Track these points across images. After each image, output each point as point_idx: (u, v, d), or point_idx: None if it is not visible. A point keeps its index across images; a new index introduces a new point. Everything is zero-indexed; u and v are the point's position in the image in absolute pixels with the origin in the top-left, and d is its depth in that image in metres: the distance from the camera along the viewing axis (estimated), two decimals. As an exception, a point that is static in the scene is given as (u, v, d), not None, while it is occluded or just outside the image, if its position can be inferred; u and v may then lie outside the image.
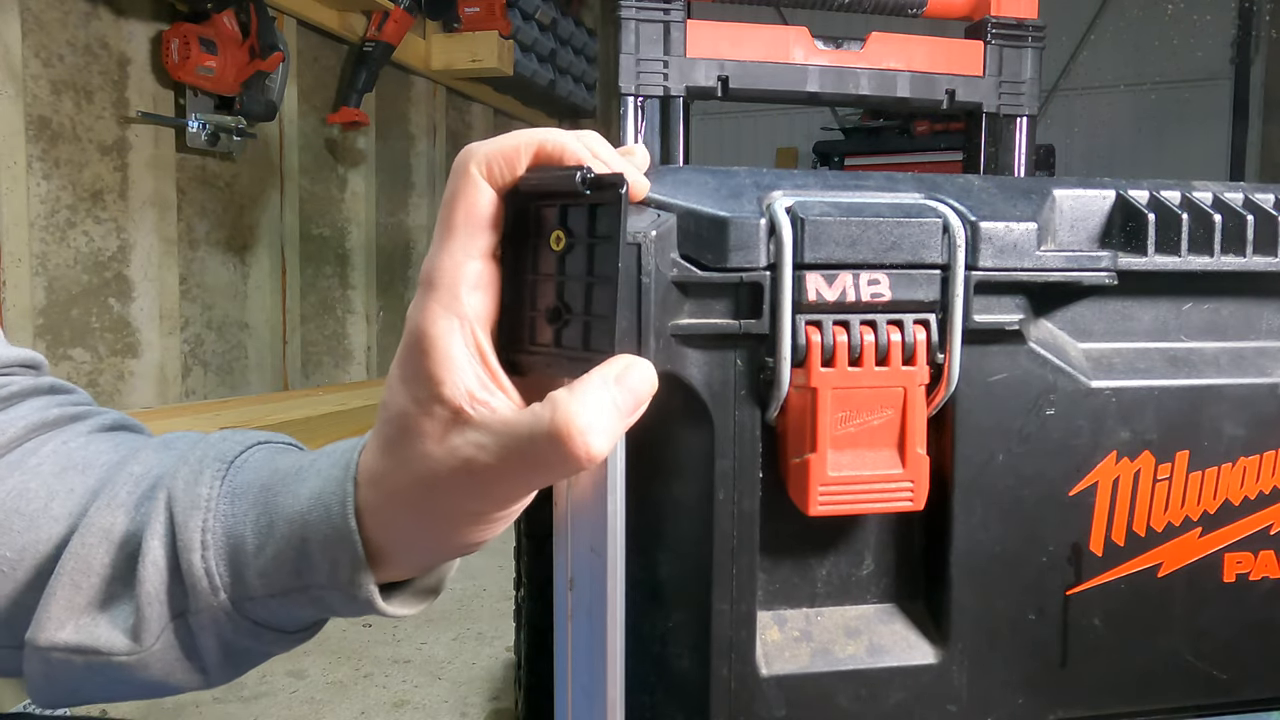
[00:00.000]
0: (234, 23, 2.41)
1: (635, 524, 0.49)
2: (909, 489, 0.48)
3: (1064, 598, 0.52)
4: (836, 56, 0.82)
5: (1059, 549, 0.52)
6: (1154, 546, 0.53)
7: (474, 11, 3.27)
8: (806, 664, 0.51)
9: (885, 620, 0.53)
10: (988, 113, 0.81)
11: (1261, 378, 0.53)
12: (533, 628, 0.56)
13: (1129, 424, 0.52)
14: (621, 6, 0.81)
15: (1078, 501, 0.52)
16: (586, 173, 0.37)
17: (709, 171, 0.51)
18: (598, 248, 0.37)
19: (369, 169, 3.31)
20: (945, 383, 0.49)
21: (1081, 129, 5.44)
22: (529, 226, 0.40)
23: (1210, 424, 0.52)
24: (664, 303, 0.46)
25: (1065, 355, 0.52)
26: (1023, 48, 0.82)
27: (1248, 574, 0.54)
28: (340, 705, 1.39)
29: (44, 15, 2.24)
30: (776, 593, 0.53)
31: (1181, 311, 0.54)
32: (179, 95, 2.51)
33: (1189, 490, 0.52)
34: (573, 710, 0.50)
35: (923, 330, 0.48)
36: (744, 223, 0.47)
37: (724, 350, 0.48)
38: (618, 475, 0.47)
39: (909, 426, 0.48)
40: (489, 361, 0.38)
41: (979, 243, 0.49)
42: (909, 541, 0.54)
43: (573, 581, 0.50)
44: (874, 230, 0.47)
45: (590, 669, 0.49)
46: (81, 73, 2.34)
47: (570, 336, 0.38)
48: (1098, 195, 0.53)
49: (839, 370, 0.47)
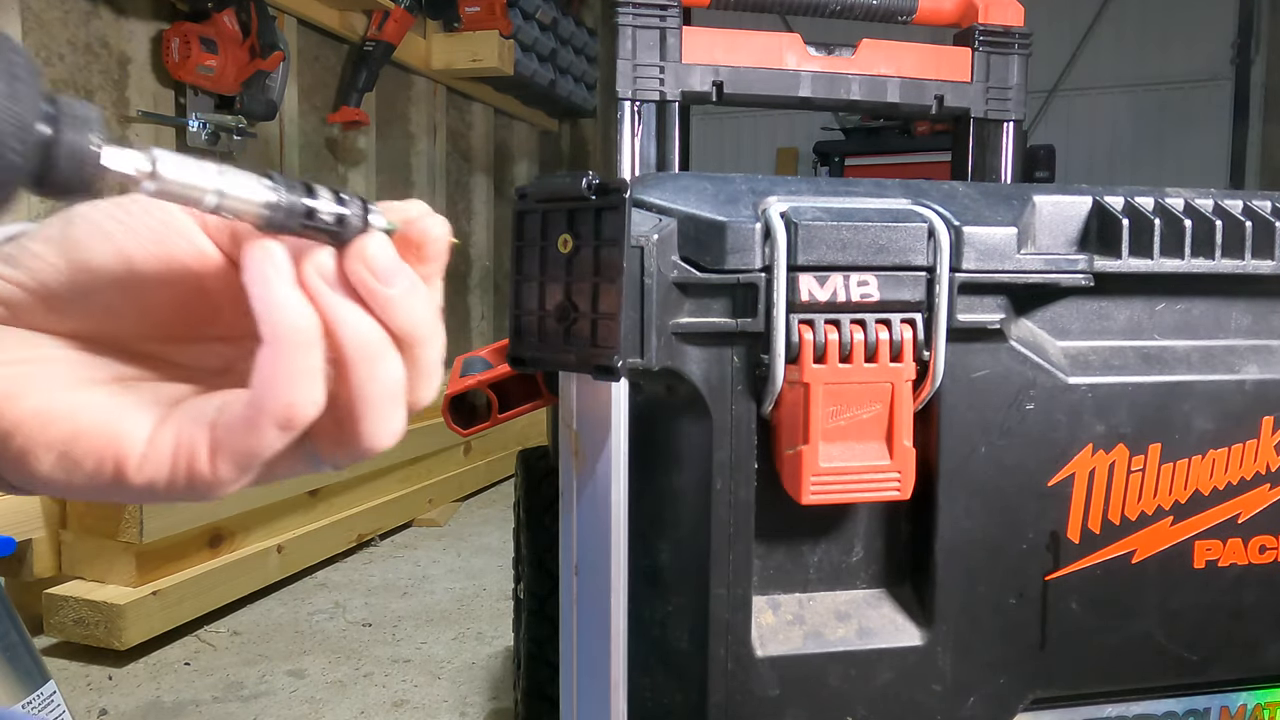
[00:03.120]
0: (234, 22, 2.42)
1: (636, 513, 0.52)
2: (896, 479, 0.51)
3: (1043, 583, 0.55)
4: (828, 62, 0.84)
5: (1038, 537, 0.55)
6: (1128, 534, 0.55)
7: (474, 11, 3.29)
8: (799, 646, 0.54)
9: (874, 604, 0.56)
10: (975, 118, 0.84)
11: (1230, 374, 0.56)
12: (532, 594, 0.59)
13: (1104, 418, 0.54)
14: (618, 13, 0.83)
15: (1056, 492, 0.54)
16: (592, 179, 0.39)
17: (707, 177, 0.53)
18: (603, 250, 0.40)
19: (369, 168, 3.33)
20: (930, 378, 0.52)
21: (1081, 129, 5.46)
22: (537, 231, 0.42)
23: (1181, 418, 0.55)
24: (665, 302, 0.49)
25: (1044, 353, 0.54)
26: (1010, 54, 0.85)
27: (1217, 560, 0.56)
28: (340, 705, 1.41)
29: (44, 14, 2.25)
30: (771, 578, 0.55)
31: (1154, 311, 0.57)
32: (179, 94, 2.52)
33: (1161, 481, 0.55)
34: (578, 689, 0.53)
35: (909, 329, 0.51)
36: (740, 227, 0.49)
37: (722, 348, 0.51)
38: (620, 466, 0.49)
39: (896, 420, 0.51)
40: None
41: (962, 246, 0.51)
42: (896, 529, 0.56)
43: (578, 568, 0.52)
44: (863, 234, 0.50)
45: (594, 650, 0.52)
46: (82, 72, 2.35)
47: (578, 334, 0.41)
48: (1075, 201, 0.55)
49: (830, 367, 0.50)
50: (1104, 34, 5.46)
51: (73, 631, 1.51)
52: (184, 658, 1.59)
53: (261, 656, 1.60)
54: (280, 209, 0.27)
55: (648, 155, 0.84)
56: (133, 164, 0.25)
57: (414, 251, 0.30)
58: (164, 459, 0.29)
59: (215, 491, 0.30)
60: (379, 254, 0.28)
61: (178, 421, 0.29)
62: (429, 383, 0.31)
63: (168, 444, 0.29)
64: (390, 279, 0.29)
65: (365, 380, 0.29)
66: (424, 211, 0.31)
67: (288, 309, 0.27)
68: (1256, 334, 0.58)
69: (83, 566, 1.58)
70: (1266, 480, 0.56)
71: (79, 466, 0.29)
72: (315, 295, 0.28)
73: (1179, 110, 5.37)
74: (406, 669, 1.57)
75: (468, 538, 2.32)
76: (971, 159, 0.84)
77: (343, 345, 0.28)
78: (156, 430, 0.29)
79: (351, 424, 0.29)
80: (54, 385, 0.30)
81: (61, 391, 0.30)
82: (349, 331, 0.28)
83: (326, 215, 0.27)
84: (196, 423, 0.29)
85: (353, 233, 0.28)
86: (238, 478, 0.29)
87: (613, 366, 0.40)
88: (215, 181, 0.26)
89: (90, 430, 0.29)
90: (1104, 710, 0.58)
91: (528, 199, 0.43)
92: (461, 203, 3.89)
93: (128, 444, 0.29)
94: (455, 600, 1.89)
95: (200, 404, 0.30)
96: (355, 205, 0.28)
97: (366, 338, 0.28)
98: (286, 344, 0.27)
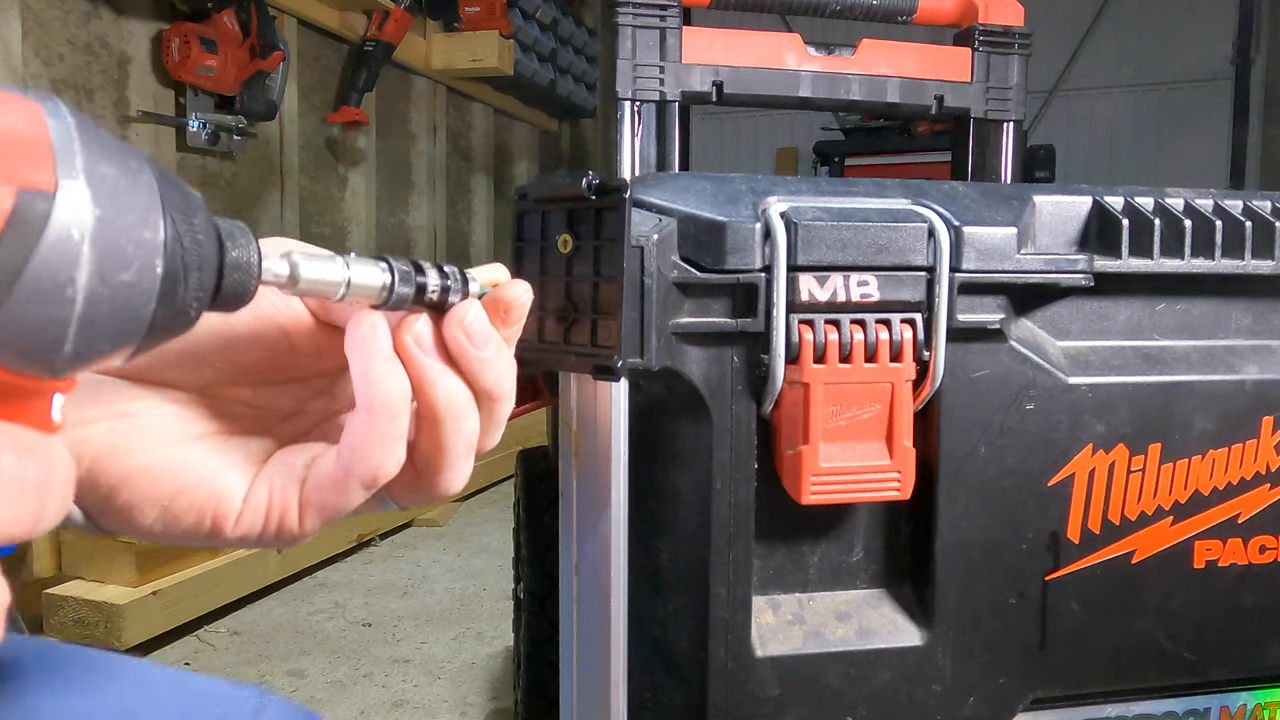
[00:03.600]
0: (234, 22, 2.42)
1: (636, 513, 0.52)
2: (896, 479, 0.51)
3: (1043, 583, 0.55)
4: (828, 62, 0.84)
5: (1038, 537, 0.55)
6: (1128, 534, 0.55)
7: (474, 11, 3.29)
8: (799, 646, 0.54)
9: (874, 604, 0.56)
10: (975, 118, 0.84)
11: (1230, 374, 0.56)
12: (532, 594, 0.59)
13: (1104, 418, 0.54)
14: (619, 13, 0.83)
15: (1056, 492, 0.54)
16: (592, 179, 0.39)
17: (706, 177, 0.53)
18: (603, 250, 0.40)
19: (369, 168, 3.33)
20: (930, 378, 0.52)
21: (1081, 129, 5.46)
22: (537, 231, 0.42)
23: (1181, 418, 0.55)
24: (665, 302, 0.49)
25: (1044, 353, 0.54)
26: (1009, 54, 0.85)
27: (1216, 560, 0.56)
28: (340, 705, 1.41)
29: (44, 14, 2.25)
30: (771, 578, 0.55)
31: (1154, 311, 0.57)
32: (179, 94, 2.52)
33: (1161, 481, 0.55)
34: (578, 689, 0.53)
35: (909, 329, 0.51)
36: (740, 227, 0.49)
37: (722, 348, 0.51)
38: (620, 466, 0.49)
39: (896, 420, 0.51)
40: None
41: (962, 246, 0.51)
42: (896, 529, 0.56)
43: (578, 568, 0.52)
44: (863, 234, 0.50)
45: (594, 650, 0.52)
46: (82, 72, 2.35)
47: (578, 334, 0.41)
48: (1075, 201, 0.55)
49: (830, 367, 0.50)
50: (1104, 34, 5.46)
51: (73, 631, 1.51)
52: (184, 658, 1.59)
53: (261, 656, 1.60)
54: (395, 290, 0.29)
55: (648, 155, 0.84)
56: (279, 272, 0.27)
57: (499, 315, 0.32)
58: (259, 515, 0.31)
59: (299, 541, 0.32)
60: (476, 321, 0.31)
61: (270, 479, 0.31)
62: (498, 432, 0.34)
63: (262, 501, 0.31)
64: (484, 343, 0.31)
65: (448, 434, 0.31)
66: (508, 277, 0.33)
67: (384, 381, 0.30)
68: (1256, 334, 0.58)
69: (82, 566, 1.58)
70: (1266, 480, 0.56)
71: (179, 521, 0.31)
72: (410, 360, 0.30)
73: (1179, 110, 5.37)
74: (406, 669, 1.57)
75: (468, 538, 2.32)
76: (971, 159, 0.84)
77: (433, 404, 0.31)
78: (252, 488, 0.32)
79: (430, 473, 0.32)
80: (157, 441, 0.31)
81: (164, 448, 0.31)
82: (439, 392, 0.31)
83: (433, 290, 0.30)
84: (288, 481, 0.31)
85: (454, 301, 0.31)
86: (320, 528, 0.32)
87: (613, 366, 0.40)
88: (344, 274, 0.28)
89: (192, 487, 0.31)
90: (1104, 710, 0.58)
91: (528, 199, 0.43)
92: (461, 203, 3.89)
93: (227, 501, 0.31)
94: (455, 600, 1.89)
95: (290, 460, 0.32)
96: (456, 277, 0.31)
97: (454, 396, 0.31)
98: (379, 414, 0.29)
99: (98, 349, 0.21)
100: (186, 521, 0.31)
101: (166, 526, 0.31)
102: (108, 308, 0.20)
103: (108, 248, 0.20)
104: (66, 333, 0.20)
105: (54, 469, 0.22)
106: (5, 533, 0.20)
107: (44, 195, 0.19)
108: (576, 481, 0.51)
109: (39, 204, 0.19)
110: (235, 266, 0.25)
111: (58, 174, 0.19)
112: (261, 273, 0.26)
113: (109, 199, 0.20)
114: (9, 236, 0.18)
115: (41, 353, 0.20)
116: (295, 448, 0.33)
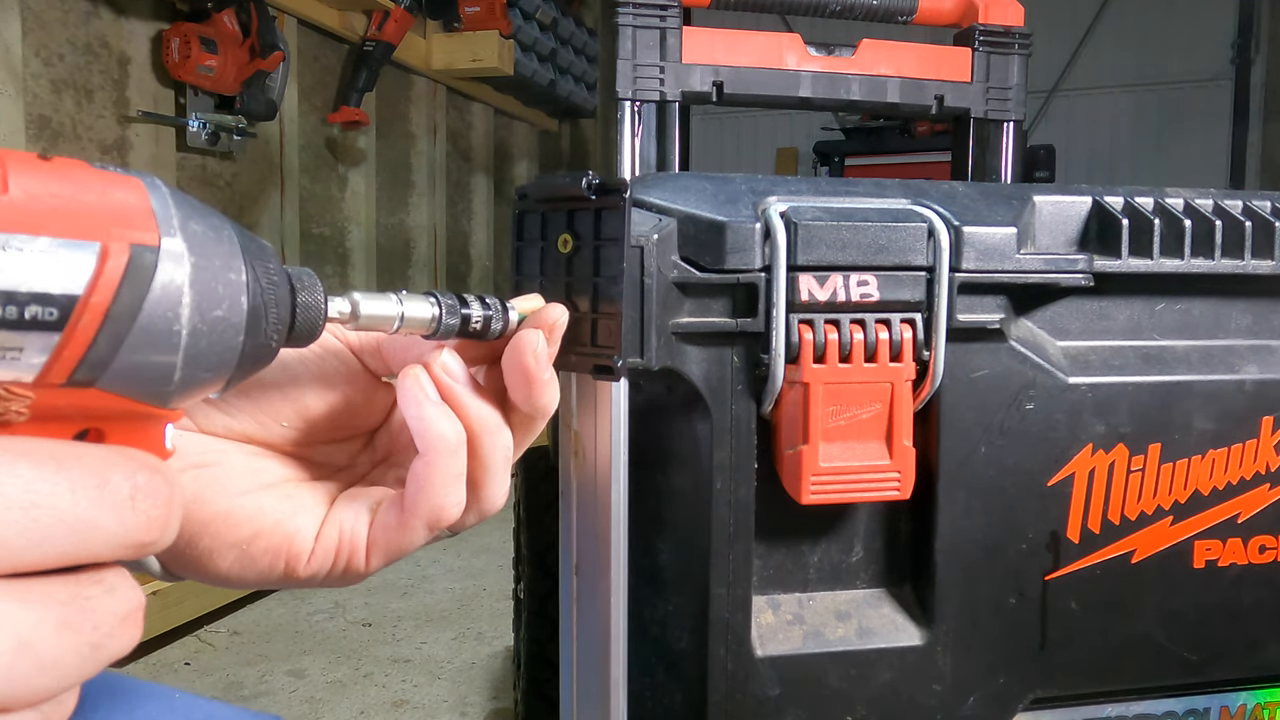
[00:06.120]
0: (234, 22, 2.42)
1: (637, 512, 0.52)
2: (896, 479, 0.51)
3: (1043, 583, 0.55)
4: (828, 63, 0.84)
5: (1038, 536, 0.55)
6: (1128, 534, 0.55)
7: (474, 11, 3.29)
8: (799, 645, 0.54)
9: (874, 604, 0.56)
10: (975, 118, 0.84)
11: (1230, 374, 0.56)
12: (532, 594, 0.59)
13: (1104, 418, 0.54)
14: (619, 13, 0.83)
15: (1056, 491, 0.54)
16: (592, 179, 0.39)
17: (707, 177, 0.53)
18: (603, 250, 0.40)
19: (369, 168, 3.33)
20: (930, 378, 0.52)
21: (1081, 129, 5.46)
22: (537, 231, 0.42)
23: (1181, 418, 0.55)
24: (665, 302, 0.49)
25: (1044, 352, 0.54)
26: (1009, 54, 0.85)
27: (1216, 560, 0.56)
28: (340, 704, 1.41)
29: (44, 14, 2.25)
30: (771, 578, 0.55)
31: (1154, 311, 0.57)
32: (179, 94, 2.52)
33: (1161, 481, 0.55)
34: (578, 689, 0.53)
35: (909, 329, 0.51)
36: (740, 227, 0.49)
37: (722, 347, 0.51)
38: (620, 465, 0.49)
39: (896, 420, 0.51)
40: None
41: (962, 246, 0.51)
42: (896, 529, 0.56)
43: (578, 567, 0.53)
44: (863, 234, 0.50)
45: (594, 650, 0.52)
46: (82, 72, 2.35)
47: (577, 334, 0.41)
48: (1075, 201, 0.55)
49: (830, 366, 0.50)
50: (1104, 34, 5.46)
51: (73, 631, 1.51)
52: (184, 658, 1.59)
53: (261, 656, 1.60)
54: (443, 321, 0.33)
55: (648, 155, 0.84)
56: (343, 309, 0.31)
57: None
58: (329, 555, 0.34)
59: (361, 579, 0.35)
60: (544, 350, 0.34)
61: (339, 521, 0.34)
62: (528, 445, 0.37)
63: (333, 542, 0.34)
64: (548, 368, 0.34)
65: (489, 450, 0.34)
66: (543, 303, 0.37)
67: (436, 423, 0.32)
68: (1256, 334, 0.58)
69: (83, 566, 1.57)
70: (1266, 480, 0.56)
71: (255, 563, 0.33)
72: (445, 390, 0.33)
73: (1179, 110, 5.37)
74: (406, 669, 1.57)
75: (468, 538, 2.32)
76: (971, 159, 0.84)
77: (470, 425, 0.33)
78: (323, 529, 0.34)
79: (474, 491, 0.34)
80: (234, 489, 0.34)
81: (241, 496, 0.34)
82: (473, 412, 0.33)
83: (476, 321, 0.34)
84: (357, 522, 0.34)
85: (495, 328, 0.35)
86: (383, 567, 0.34)
87: (613, 366, 0.40)
88: (397, 309, 0.32)
89: (269, 530, 0.33)
90: (1104, 710, 0.58)
91: (528, 199, 0.43)
92: (461, 203, 3.89)
93: (299, 542, 0.33)
94: (455, 600, 1.89)
95: (357, 503, 0.35)
96: (497, 307, 0.35)
97: (485, 416, 0.34)
98: (438, 452, 0.32)
99: (201, 377, 0.24)
100: (262, 564, 0.33)
101: (243, 569, 0.33)
102: (206, 341, 0.24)
103: (203, 289, 0.23)
104: (175, 362, 0.23)
105: (175, 489, 0.24)
106: (140, 541, 0.23)
107: (151, 249, 0.22)
108: (576, 481, 0.51)
109: (147, 256, 0.22)
110: (306, 305, 0.28)
111: (160, 231, 0.23)
112: (328, 310, 0.30)
113: (201, 249, 0.24)
114: (126, 285, 0.22)
115: (156, 381, 0.23)
116: (360, 490, 0.35)
